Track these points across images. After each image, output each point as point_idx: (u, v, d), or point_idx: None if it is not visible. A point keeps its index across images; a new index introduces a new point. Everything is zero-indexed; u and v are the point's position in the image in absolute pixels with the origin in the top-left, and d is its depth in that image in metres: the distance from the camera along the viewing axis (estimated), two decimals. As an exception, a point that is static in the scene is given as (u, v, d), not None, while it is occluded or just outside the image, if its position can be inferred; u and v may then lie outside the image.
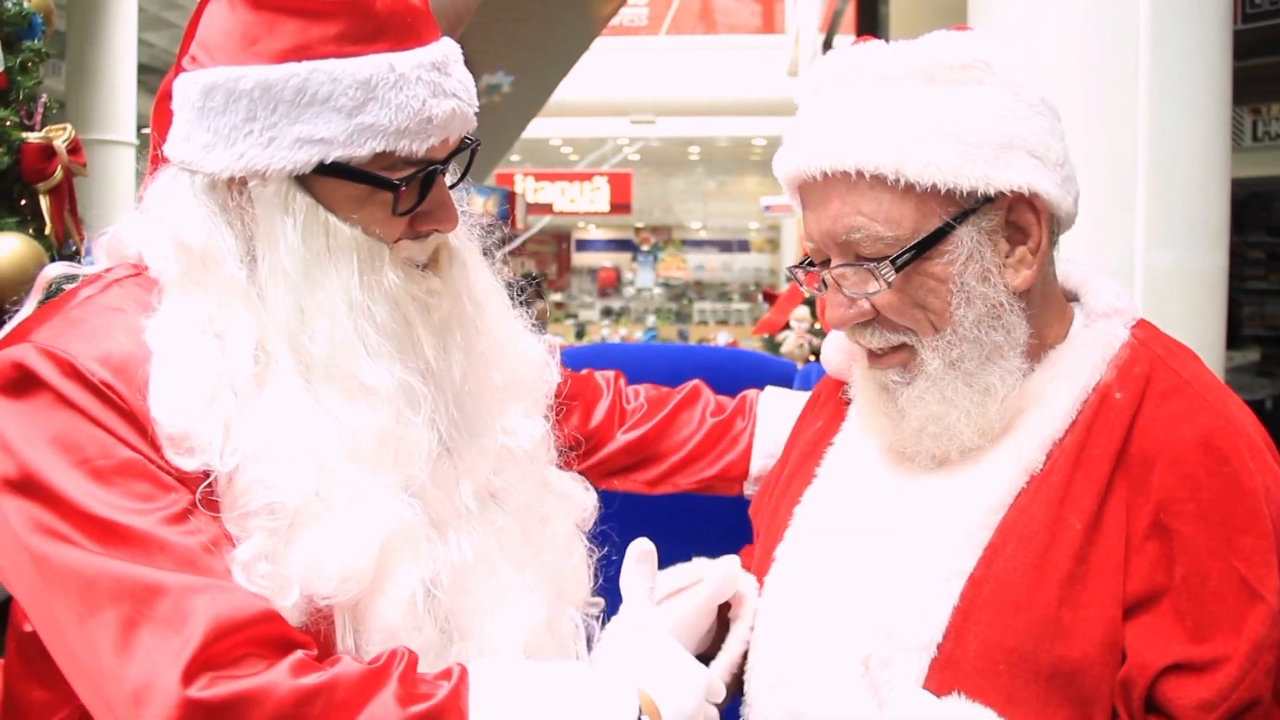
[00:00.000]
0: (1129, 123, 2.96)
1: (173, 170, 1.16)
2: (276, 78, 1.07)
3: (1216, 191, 3.13)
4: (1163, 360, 1.14)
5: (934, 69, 1.08)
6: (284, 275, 1.10)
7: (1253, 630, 0.99)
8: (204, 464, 1.04)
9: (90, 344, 1.05)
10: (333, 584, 1.04)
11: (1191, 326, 3.10)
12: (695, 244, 24.37)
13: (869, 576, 1.15)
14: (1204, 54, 3.04)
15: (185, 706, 0.91)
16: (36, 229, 2.93)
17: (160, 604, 0.95)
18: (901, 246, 1.07)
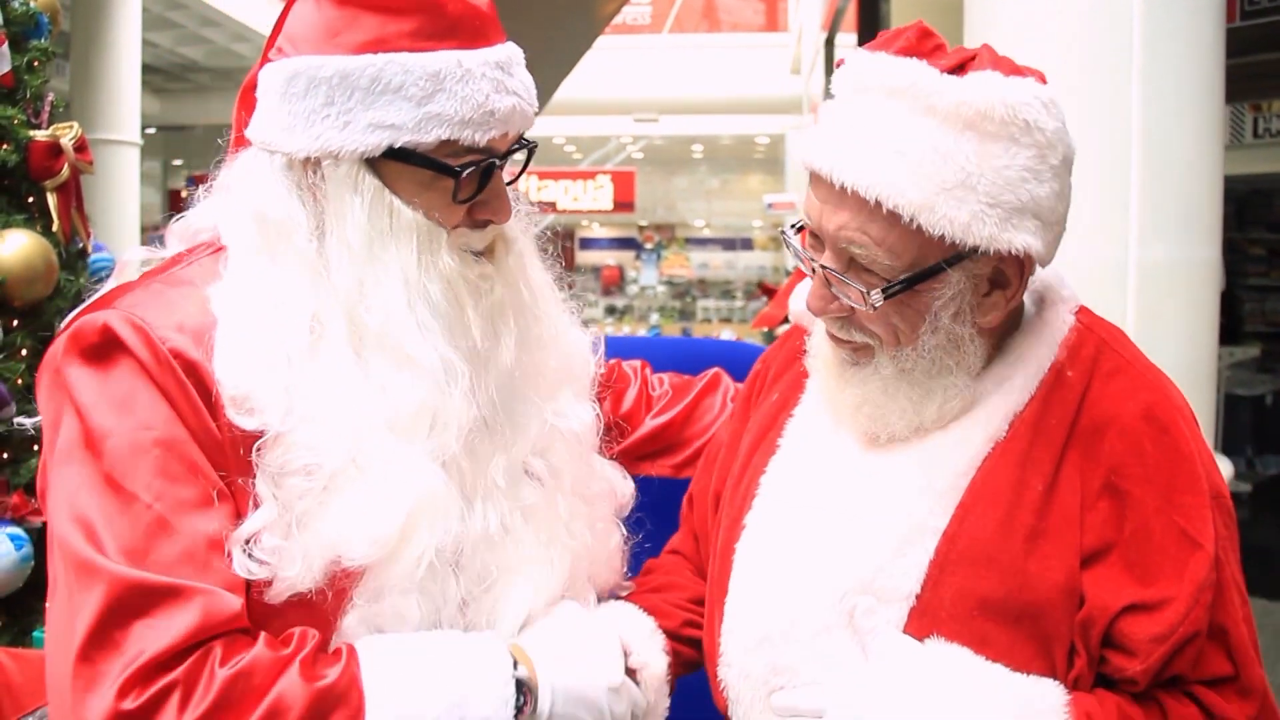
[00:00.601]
0: (1123, 118, 2.99)
1: (254, 150, 1.25)
2: (354, 67, 1.15)
3: (1209, 187, 3.16)
4: (1106, 343, 1.26)
5: (974, 119, 1.12)
6: (349, 250, 1.18)
7: (1194, 573, 1.13)
8: (262, 424, 1.13)
9: (165, 314, 1.15)
10: (360, 548, 1.13)
11: (1185, 320, 3.13)
12: (699, 242, 24.37)
13: (844, 537, 1.23)
14: (1197, 50, 3.07)
15: (117, 717, 1.01)
16: (44, 226, 2.97)
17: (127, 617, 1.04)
18: (895, 275, 1.15)
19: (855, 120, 1.17)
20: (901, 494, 1.21)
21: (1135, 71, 2.99)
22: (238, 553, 1.10)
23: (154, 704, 1.02)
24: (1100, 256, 3.03)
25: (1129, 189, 3.01)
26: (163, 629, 1.03)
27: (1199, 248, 3.15)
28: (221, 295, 1.18)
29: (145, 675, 1.02)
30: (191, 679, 1.03)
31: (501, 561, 1.25)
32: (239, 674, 1.04)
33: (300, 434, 1.13)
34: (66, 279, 3.01)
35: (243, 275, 1.20)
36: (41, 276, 2.86)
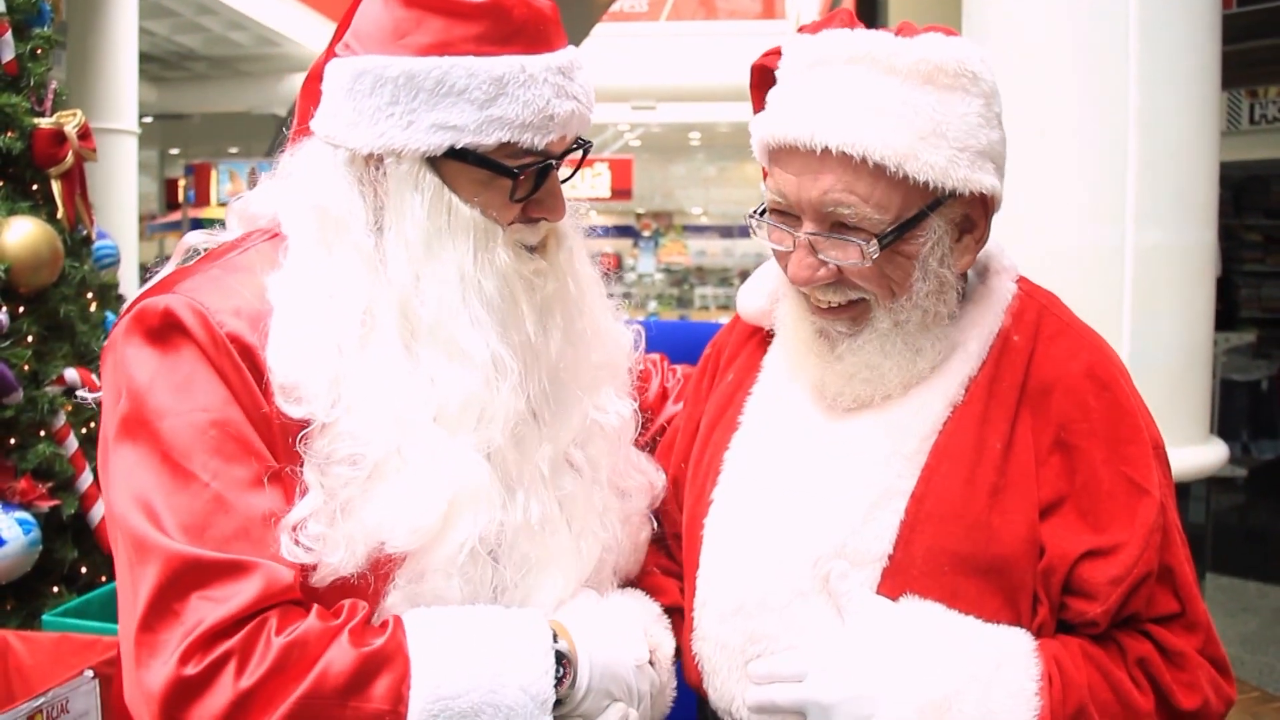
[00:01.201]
0: (1120, 104, 3.02)
1: (318, 143, 1.27)
2: (420, 69, 1.18)
3: (1205, 171, 3.18)
4: (1046, 308, 1.33)
5: (932, 73, 1.19)
6: (406, 245, 1.21)
7: (1144, 518, 1.21)
8: (308, 413, 1.16)
9: (224, 298, 1.18)
10: (402, 536, 1.16)
11: (1181, 302, 3.16)
12: (696, 230, 24.34)
13: (815, 504, 1.28)
14: (1193, 37, 3.10)
15: (177, 684, 1.06)
16: (49, 213, 2.98)
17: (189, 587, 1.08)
18: (885, 227, 1.20)
19: (821, 89, 1.21)
20: (869, 460, 1.26)
21: (1132, 57, 3.01)
22: (285, 538, 1.13)
23: (213, 669, 1.06)
24: (1097, 241, 3.05)
25: (1126, 174, 3.04)
26: (221, 600, 1.07)
27: (1195, 232, 3.18)
28: (278, 284, 1.21)
29: (205, 643, 1.06)
30: (248, 646, 1.07)
31: (538, 551, 1.28)
32: (293, 642, 1.08)
33: (346, 424, 1.16)
34: (71, 266, 3.03)
35: (300, 265, 1.23)
36: (47, 263, 2.87)
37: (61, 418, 2.89)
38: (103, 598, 2.82)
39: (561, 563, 1.30)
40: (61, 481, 2.87)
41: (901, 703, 1.14)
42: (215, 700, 1.05)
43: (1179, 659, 1.23)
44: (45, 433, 2.86)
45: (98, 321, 3.16)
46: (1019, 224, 1.34)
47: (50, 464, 2.82)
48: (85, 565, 2.95)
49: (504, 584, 1.27)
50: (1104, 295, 3.01)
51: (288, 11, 14.96)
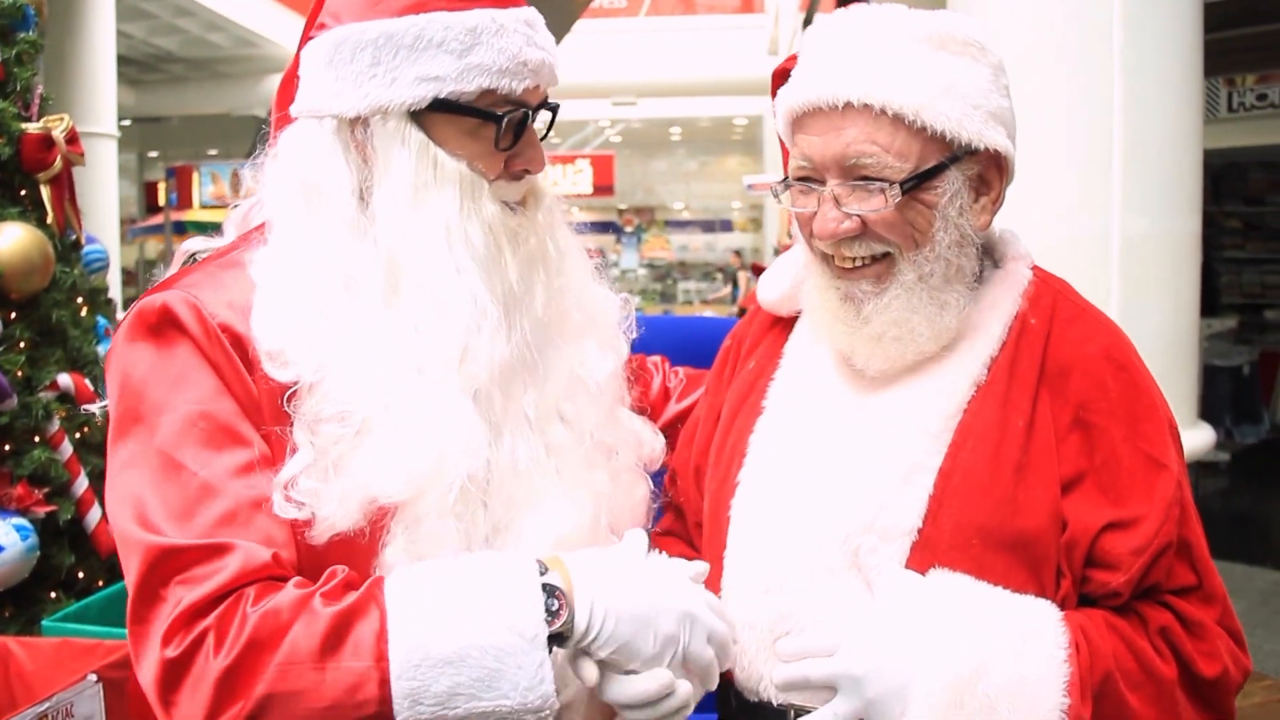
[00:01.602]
0: (1104, 94, 3.05)
1: (299, 123, 1.31)
2: (398, 28, 1.23)
3: (1189, 160, 3.22)
4: (1061, 293, 1.38)
5: (944, 39, 1.27)
6: (393, 200, 1.26)
7: (1163, 492, 1.25)
8: (295, 375, 1.20)
9: (218, 292, 1.23)
10: (395, 486, 1.19)
11: (1167, 290, 3.20)
12: (678, 224, 24.39)
13: (843, 481, 1.31)
14: (1176, 27, 3.13)
15: (164, 667, 1.08)
16: (38, 218, 2.97)
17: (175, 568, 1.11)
18: (905, 174, 1.26)
19: (840, 53, 1.29)
20: (896, 437, 1.30)
21: (1116, 47, 3.04)
22: (277, 496, 1.16)
23: (193, 648, 1.07)
24: (1085, 230, 3.09)
25: (1111, 163, 3.07)
26: (199, 580, 1.09)
27: (1180, 220, 3.22)
28: (262, 260, 1.26)
29: (183, 622, 1.08)
30: (224, 623, 1.07)
31: (525, 492, 1.30)
32: (267, 612, 1.08)
33: (331, 383, 1.20)
34: (62, 271, 3.02)
35: (283, 240, 1.27)
36: (39, 269, 2.86)
37: (56, 423, 2.88)
38: (101, 602, 2.82)
39: (553, 506, 1.31)
40: (57, 487, 2.87)
41: (934, 673, 1.16)
42: (201, 682, 1.06)
43: (1198, 629, 1.26)
44: (40, 438, 2.85)
45: (89, 326, 3.15)
46: (1008, 215, 1.37)
47: (46, 470, 2.82)
48: (82, 570, 2.95)
49: (497, 524, 1.28)
50: (1092, 283, 3.04)
51: (266, 12, 14.90)
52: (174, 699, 1.07)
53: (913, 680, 1.17)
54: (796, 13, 13.08)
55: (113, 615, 2.87)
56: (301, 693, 1.06)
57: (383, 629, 1.08)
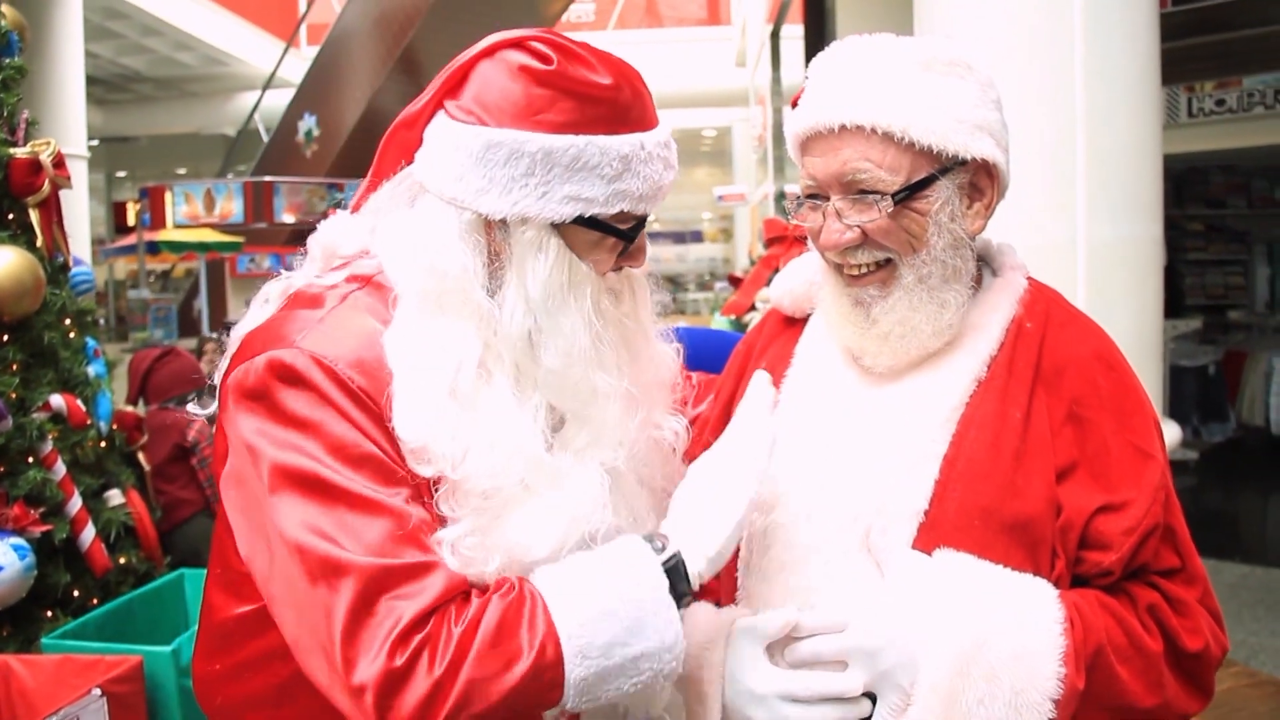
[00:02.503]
0: (1067, 104, 3.14)
1: (432, 200, 1.36)
2: (558, 146, 1.29)
3: (1150, 167, 3.32)
4: (1054, 301, 1.49)
5: (930, 61, 1.37)
6: (526, 300, 1.32)
7: (1150, 478, 1.35)
8: (437, 471, 1.26)
9: (346, 350, 1.28)
10: (540, 553, 1.29)
11: (1132, 295, 3.29)
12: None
13: (853, 468, 1.41)
14: (1134, 39, 3.23)
15: (386, 676, 1.17)
16: (27, 242, 3.01)
17: (381, 589, 1.20)
18: (897, 187, 1.36)
19: (835, 82, 1.40)
20: (904, 428, 1.40)
21: (1078, 59, 3.14)
22: (445, 552, 1.25)
23: (414, 659, 1.17)
24: (1051, 236, 3.18)
25: (1075, 171, 3.16)
26: (413, 596, 1.19)
27: (1143, 225, 3.31)
28: (394, 344, 1.30)
29: (405, 635, 1.17)
30: (435, 638, 1.18)
31: None
32: (466, 630, 1.19)
33: (471, 465, 1.27)
34: (51, 293, 3.06)
35: (414, 325, 1.32)
36: (30, 291, 2.90)
37: (49, 444, 2.92)
38: (99, 619, 2.85)
39: None
40: (52, 507, 2.90)
41: (943, 645, 1.25)
42: (416, 688, 1.16)
43: (1183, 607, 1.35)
44: (34, 459, 2.89)
45: (79, 347, 3.19)
46: None
47: (41, 490, 2.85)
48: (77, 589, 2.98)
49: None
50: (1059, 288, 3.12)
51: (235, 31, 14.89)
52: (394, 703, 1.17)
53: (923, 651, 1.25)
54: (764, 24, 13.21)
55: (110, 632, 2.90)
56: (495, 675, 1.18)
57: (545, 606, 1.21)
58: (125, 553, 3.21)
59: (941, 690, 1.24)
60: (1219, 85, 8.17)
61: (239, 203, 11.36)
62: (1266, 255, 10.15)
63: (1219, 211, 10.18)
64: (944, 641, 1.25)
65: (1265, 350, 9.15)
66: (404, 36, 12.06)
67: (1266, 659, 4.43)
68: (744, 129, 20.40)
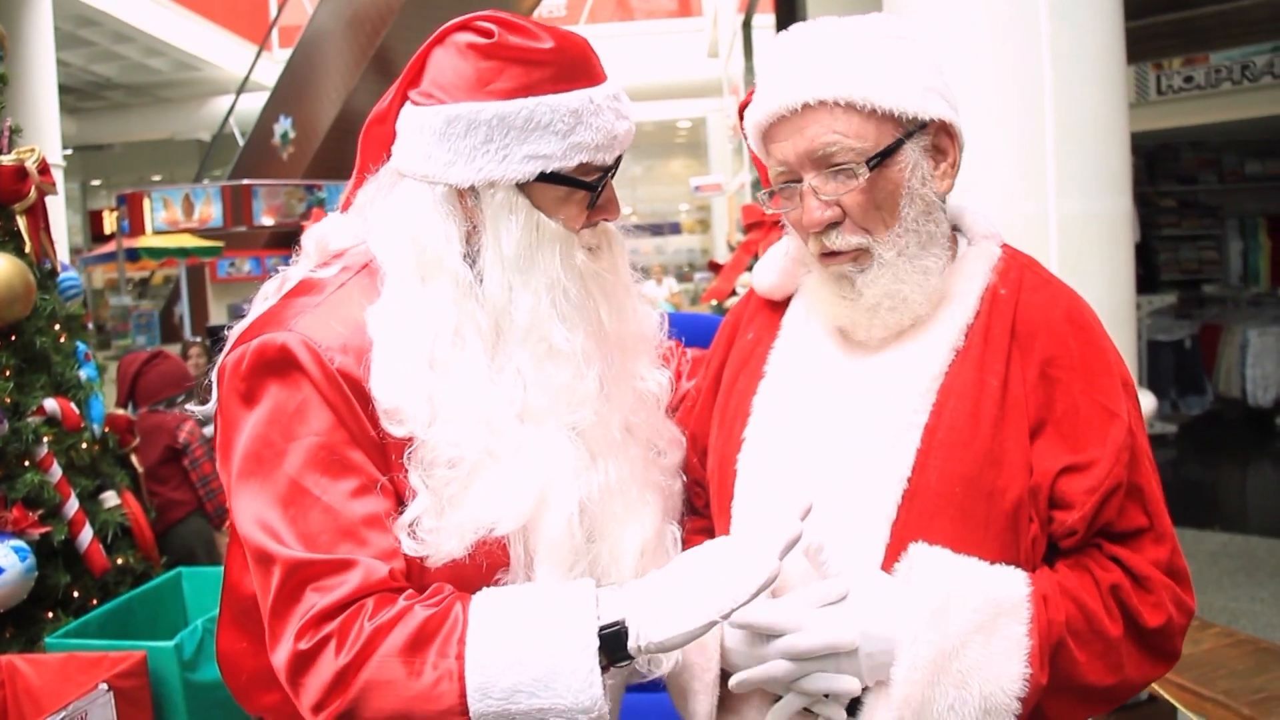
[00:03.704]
0: (1035, 83, 3.21)
1: (409, 182, 1.44)
2: (511, 110, 1.37)
3: (1117, 142, 3.39)
4: (1027, 267, 1.53)
5: (876, 36, 1.43)
6: (502, 261, 1.40)
7: (1115, 437, 1.39)
8: (409, 431, 1.33)
9: (333, 336, 1.35)
10: (502, 521, 1.35)
11: (1104, 268, 3.36)
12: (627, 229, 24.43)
13: (838, 438, 1.45)
14: (1098, 16, 3.30)
15: (295, 657, 1.26)
16: (16, 248, 3.04)
17: (301, 579, 1.28)
18: (868, 154, 1.40)
19: (789, 66, 1.44)
20: (886, 398, 1.44)
21: (1044, 37, 3.20)
22: (404, 535, 1.32)
23: (320, 646, 1.25)
24: (1022, 211, 3.25)
25: (1045, 147, 3.23)
26: (328, 590, 1.27)
27: (1112, 199, 3.38)
28: (377, 317, 1.38)
29: (315, 623, 1.26)
30: (346, 629, 1.26)
31: (620, 508, 1.47)
32: (380, 624, 1.26)
33: (442, 434, 1.34)
34: (41, 299, 3.08)
35: (397, 297, 1.40)
36: (21, 297, 2.93)
37: (44, 447, 2.95)
38: (101, 618, 2.89)
39: (637, 513, 1.49)
40: (49, 509, 2.94)
41: (918, 649, 1.29)
42: (322, 673, 1.25)
43: (1146, 582, 1.38)
44: (30, 462, 2.92)
45: (70, 352, 3.22)
46: (952, 199, 1.53)
47: (38, 492, 2.89)
48: (77, 589, 3.02)
49: (601, 534, 1.44)
50: (1033, 263, 3.20)
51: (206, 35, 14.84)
52: (301, 681, 1.26)
53: (897, 654, 1.30)
54: (735, 14, 13.25)
55: (111, 630, 2.94)
56: (394, 682, 1.24)
57: (463, 633, 1.25)
58: (123, 553, 3.25)
59: (915, 701, 1.28)
60: (1186, 62, 8.25)
61: (218, 207, 11.33)
62: (1239, 229, 10.25)
63: (1191, 187, 10.29)
64: (921, 646, 1.29)
65: (1240, 323, 9.25)
66: (377, 36, 12.04)
67: (1247, 623, 4.51)
68: (719, 119, 20.46)
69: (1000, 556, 1.37)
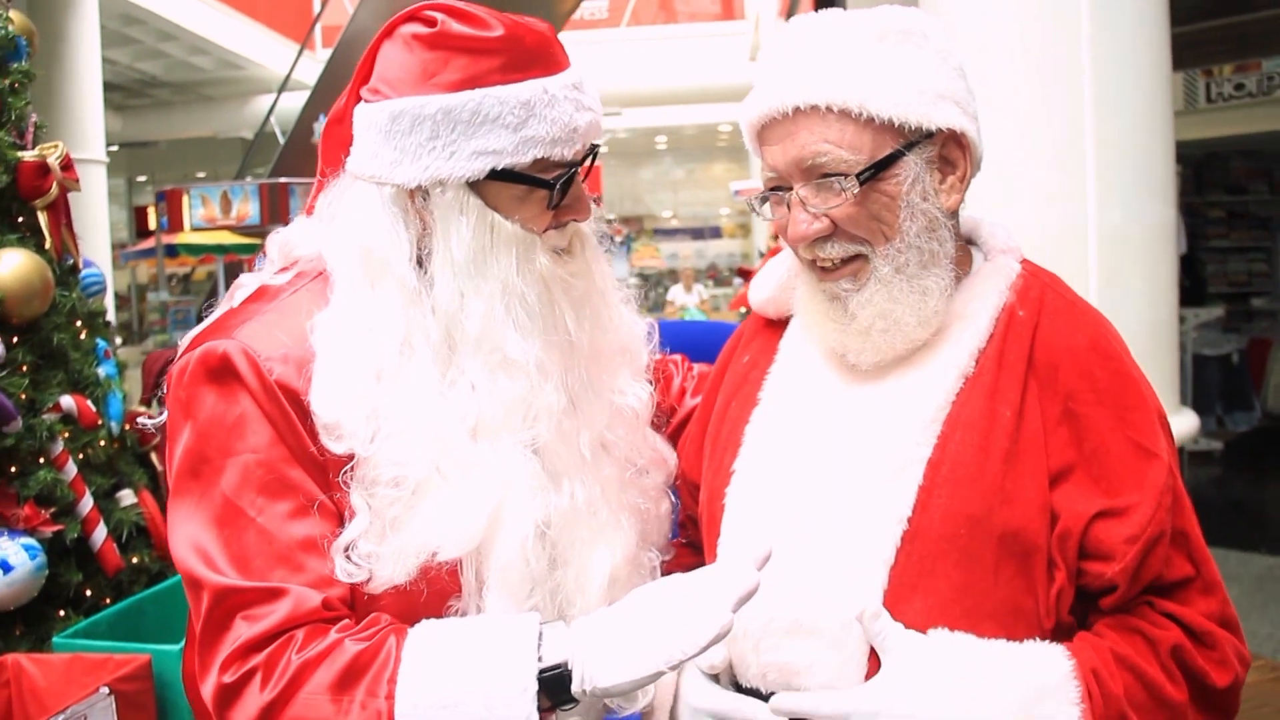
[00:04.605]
0: (1075, 89, 3.11)
1: (359, 184, 1.36)
2: (455, 103, 1.27)
3: (1161, 150, 3.28)
4: (1049, 286, 1.39)
5: (884, 32, 1.29)
6: (453, 265, 1.31)
7: (1154, 480, 1.25)
8: (349, 448, 1.26)
9: (275, 345, 1.28)
10: (446, 545, 1.27)
11: (1145, 279, 3.26)
12: (667, 233, 24.46)
13: (834, 472, 1.33)
14: (1142, 21, 3.20)
15: (219, 690, 1.20)
16: (36, 244, 3.02)
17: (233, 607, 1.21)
18: (860, 167, 1.28)
19: (784, 64, 1.32)
20: (888, 427, 1.31)
21: (1085, 41, 3.11)
22: (339, 559, 1.25)
23: (245, 679, 1.19)
24: (1061, 222, 3.15)
25: (1085, 156, 3.13)
26: (256, 620, 1.20)
27: (1155, 209, 3.28)
28: (322, 325, 1.30)
29: (240, 655, 1.19)
30: (272, 662, 1.19)
31: (587, 532, 1.37)
32: (308, 660, 1.19)
33: (386, 451, 1.26)
34: (61, 295, 3.07)
35: (343, 305, 1.32)
36: (39, 294, 2.91)
37: (59, 444, 2.93)
38: (110, 618, 2.86)
39: (607, 537, 1.39)
40: (63, 507, 2.91)
41: None
42: (247, 708, 1.18)
43: (1209, 638, 1.24)
44: (44, 460, 2.90)
45: (89, 349, 3.19)
46: (984, 210, 1.41)
47: (51, 490, 2.86)
48: (90, 588, 2.99)
49: (563, 560, 1.36)
50: (1070, 275, 3.07)
51: (250, 34, 14.97)
52: (226, 716, 1.20)
53: None
54: (777, 18, 13.16)
55: (121, 631, 2.91)
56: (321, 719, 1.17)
57: (394, 672, 1.18)
58: (138, 552, 3.22)
59: None
60: (1237, 69, 8.09)
61: (255, 204, 11.39)
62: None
63: (1240, 198, 10.09)
64: None
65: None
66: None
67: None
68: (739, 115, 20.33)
69: (1013, 610, 1.24)
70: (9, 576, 2.67)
